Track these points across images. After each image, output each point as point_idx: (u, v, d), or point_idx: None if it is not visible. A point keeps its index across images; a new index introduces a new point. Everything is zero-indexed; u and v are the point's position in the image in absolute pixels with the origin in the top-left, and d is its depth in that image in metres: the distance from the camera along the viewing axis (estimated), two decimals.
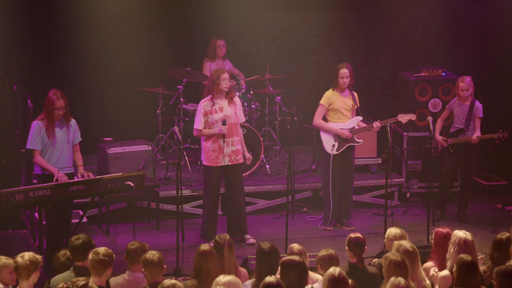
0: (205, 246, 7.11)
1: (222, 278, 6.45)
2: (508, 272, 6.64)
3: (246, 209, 10.55)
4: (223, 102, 10.11)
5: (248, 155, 10.37)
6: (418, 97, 12.03)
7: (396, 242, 7.19)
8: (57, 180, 8.67)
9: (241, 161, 10.24)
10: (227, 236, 7.51)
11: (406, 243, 7.10)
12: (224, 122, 9.99)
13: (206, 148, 10.11)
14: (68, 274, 6.94)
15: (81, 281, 5.97)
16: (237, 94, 11.36)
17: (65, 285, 5.93)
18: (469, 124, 11.06)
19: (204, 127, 10.08)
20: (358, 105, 10.74)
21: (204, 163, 10.20)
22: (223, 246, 7.36)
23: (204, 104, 10.11)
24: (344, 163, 10.72)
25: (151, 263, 6.88)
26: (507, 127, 11.15)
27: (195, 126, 10.17)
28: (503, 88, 12.85)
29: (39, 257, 6.98)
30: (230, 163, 10.11)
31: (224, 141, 9.99)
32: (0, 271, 6.86)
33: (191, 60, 12.52)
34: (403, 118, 10.67)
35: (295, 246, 7.43)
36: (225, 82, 10.03)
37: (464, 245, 7.31)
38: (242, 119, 10.38)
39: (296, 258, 6.73)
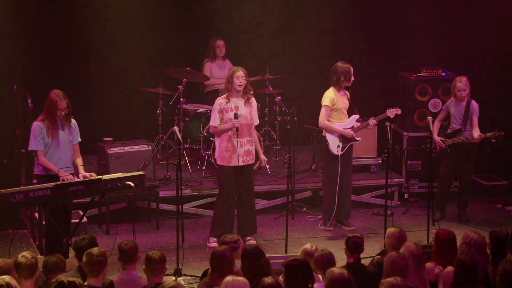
0: (220, 247, 7.10)
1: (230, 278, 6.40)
2: (511, 270, 6.66)
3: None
4: (239, 101, 10.10)
5: (262, 157, 10.42)
6: (418, 97, 12.03)
7: (406, 243, 7.16)
8: (63, 180, 8.68)
9: (252, 161, 10.23)
10: (234, 238, 7.52)
11: (414, 246, 7.07)
12: (235, 116, 9.96)
13: (220, 148, 10.10)
14: (73, 273, 6.93)
15: (69, 278, 5.97)
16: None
17: (55, 282, 5.93)
18: (466, 124, 11.07)
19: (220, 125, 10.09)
20: (350, 103, 10.77)
21: (219, 162, 10.18)
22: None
23: (220, 101, 10.09)
24: (344, 163, 10.72)
25: (151, 261, 6.90)
26: (505, 127, 11.15)
27: (211, 123, 10.19)
28: (502, 88, 12.85)
29: (39, 256, 6.99)
30: (243, 164, 10.10)
31: (237, 140, 9.96)
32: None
33: (191, 60, 12.53)
34: (391, 112, 10.73)
35: (312, 247, 7.48)
36: (239, 80, 10.03)
37: (479, 248, 7.29)
38: (256, 121, 10.35)
39: (300, 257, 6.73)
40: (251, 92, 11.93)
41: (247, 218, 10.29)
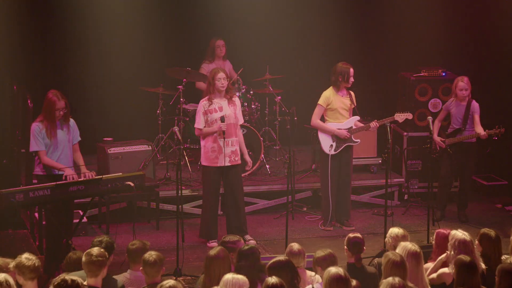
0: (214, 251, 7.08)
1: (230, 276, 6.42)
2: (510, 270, 6.66)
3: (245, 209, 10.54)
4: (222, 102, 10.10)
5: (248, 159, 10.32)
6: (418, 97, 12.03)
7: (402, 243, 7.17)
8: (65, 178, 8.68)
9: (239, 161, 10.22)
10: (234, 238, 7.54)
11: (411, 245, 7.08)
12: (222, 119, 9.97)
13: (206, 148, 10.10)
14: (83, 273, 6.93)
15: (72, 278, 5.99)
16: (237, 94, 11.37)
17: (58, 280, 5.94)
18: (466, 123, 11.06)
19: (205, 126, 10.08)
20: (355, 104, 10.75)
21: (203, 163, 10.19)
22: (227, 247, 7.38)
23: (203, 103, 10.10)
24: (342, 163, 10.71)
25: (148, 263, 6.90)
26: (505, 126, 11.15)
27: (196, 126, 10.17)
28: (502, 87, 12.85)
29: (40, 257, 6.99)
30: (229, 164, 10.09)
31: (224, 141, 9.96)
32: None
33: (191, 60, 12.53)
34: (400, 117, 10.70)
35: (295, 246, 7.43)
36: (220, 82, 10.02)
37: (463, 246, 7.31)
38: (241, 120, 10.35)
39: (282, 258, 6.75)
40: (252, 92, 11.94)
41: (237, 220, 10.26)
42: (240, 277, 6.33)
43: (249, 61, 12.76)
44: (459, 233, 7.39)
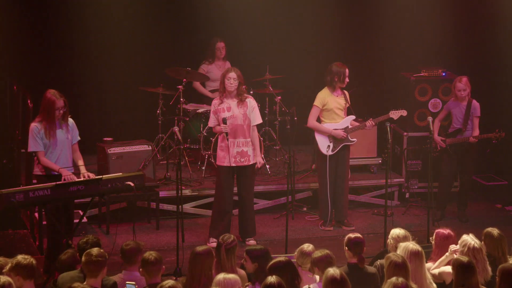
0: (200, 248, 7.10)
1: (221, 276, 6.46)
2: (510, 270, 6.67)
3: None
4: (232, 102, 10.09)
5: (260, 160, 10.25)
6: (418, 97, 12.03)
7: (402, 244, 7.18)
8: (64, 179, 8.68)
9: (247, 163, 10.16)
10: (231, 238, 7.54)
11: (412, 245, 7.09)
12: (224, 121, 9.97)
13: (218, 147, 10.14)
14: (75, 273, 6.94)
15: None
16: None
17: None
18: (467, 124, 11.07)
19: (218, 125, 10.10)
20: (350, 103, 10.75)
21: (216, 161, 10.23)
22: (221, 247, 7.39)
23: (214, 102, 10.14)
24: (339, 163, 10.70)
25: (148, 263, 6.91)
26: (505, 127, 11.16)
27: (208, 124, 10.36)
28: (502, 88, 12.85)
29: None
30: (235, 165, 10.08)
31: (228, 141, 9.95)
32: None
33: (191, 60, 12.53)
34: (395, 114, 10.71)
35: (308, 248, 7.48)
36: (229, 81, 10.02)
37: (473, 253, 7.30)
38: (257, 121, 10.21)
39: (282, 258, 6.76)
40: (251, 92, 11.94)
41: (244, 221, 10.28)
42: (232, 276, 6.38)
43: (249, 61, 12.76)
44: (470, 239, 7.38)
